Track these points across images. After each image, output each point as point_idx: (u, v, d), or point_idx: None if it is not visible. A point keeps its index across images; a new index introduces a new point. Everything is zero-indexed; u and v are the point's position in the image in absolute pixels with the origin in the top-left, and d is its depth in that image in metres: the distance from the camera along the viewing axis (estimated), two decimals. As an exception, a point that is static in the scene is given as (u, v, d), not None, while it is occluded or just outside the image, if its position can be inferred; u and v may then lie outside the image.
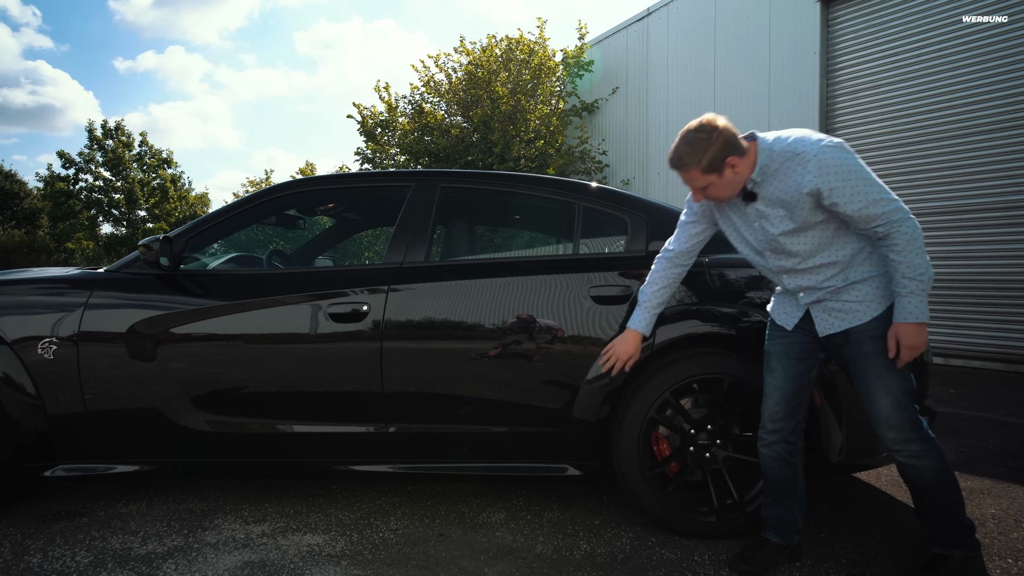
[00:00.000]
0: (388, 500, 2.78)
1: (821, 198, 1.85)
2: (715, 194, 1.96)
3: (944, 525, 1.98)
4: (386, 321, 2.45)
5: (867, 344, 1.93)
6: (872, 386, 1.94)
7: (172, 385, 2.47)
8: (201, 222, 2.66)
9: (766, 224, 1.97)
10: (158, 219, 24.42)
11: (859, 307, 1.94)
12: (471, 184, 2.82)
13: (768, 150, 1.93)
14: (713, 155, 1.87)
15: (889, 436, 1.94)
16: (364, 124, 13.97)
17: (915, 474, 1.96)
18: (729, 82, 10.27)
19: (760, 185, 1.94)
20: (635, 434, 2.35)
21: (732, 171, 1.90)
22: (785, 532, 2.17)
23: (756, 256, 2.09)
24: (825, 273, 1.97)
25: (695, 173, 1.92)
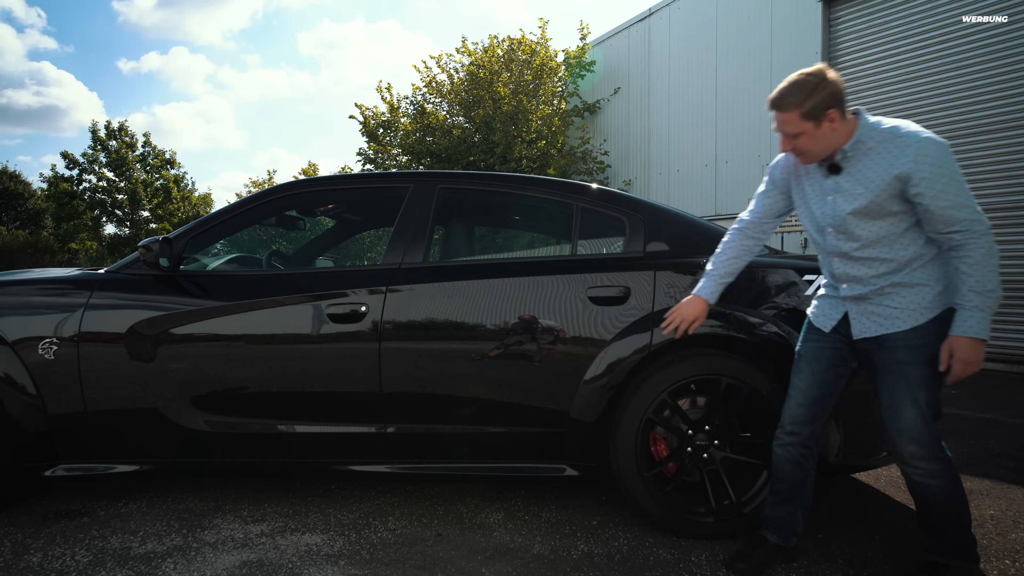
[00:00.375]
0: (387, 500, 2.79)
1: (908, 185, 1.78)
2: (804, 146, 1.90)
3: (947, 538, 1.95)
4: (384, 322, 2.46)
5: (901, 353, 1.88)
6: (899, 396, 1.88)
7: (172, 385, 2.48)
8: (201, 223, 2.67)
9: (840, 199, 1.91)
10: (161, 219, 24.47)
11: (899, 314, 1.89)
12: (469, 185, 2.83)
13: (869, 126, 1.87)
14: (817, 101, 1.82)
15: (908, 450, 1.89)
16: (366, 125, 14.00)
17: (927, 492, 1.92)
18: (731, 82, 10.26)
19: (849, 160, 1.89)
20: (632, 434, 2.35)
21: (830, 125, 1.85)
22: (784, 533, 2.16)
23: (817, 234, 2.03)
24: (876, 268, 1.91)
25: (793, 115, 1.86)
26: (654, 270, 2.46)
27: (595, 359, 2.40)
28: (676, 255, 2.55)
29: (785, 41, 9.44)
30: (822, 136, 1.87)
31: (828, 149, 1.90)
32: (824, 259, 2.06)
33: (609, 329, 2.41)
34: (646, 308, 2.41)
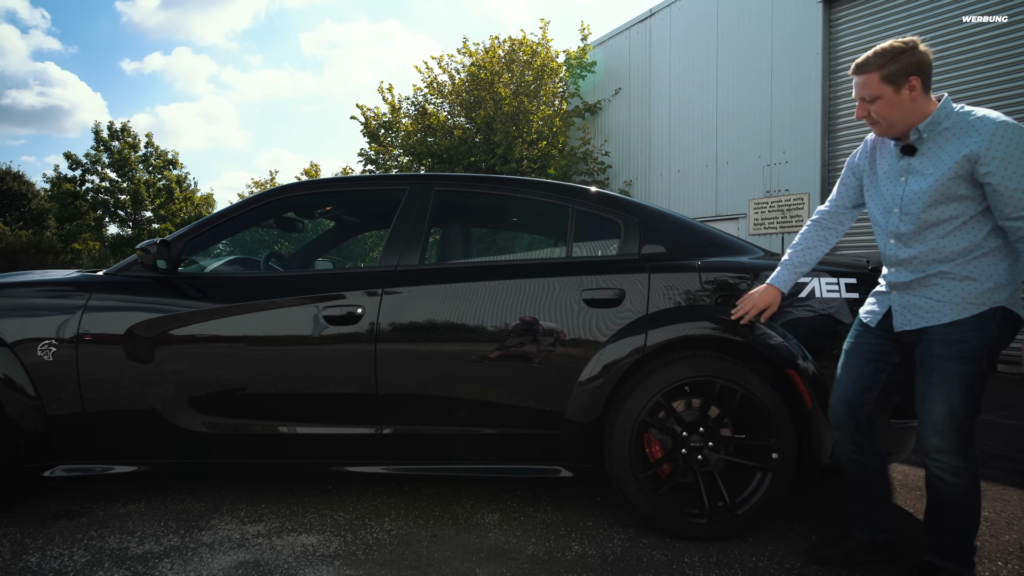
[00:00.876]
0: (383, 501, 2.81)
1: (978, 164, 1.74)
2: (880, 112, 1.86)
3: (948, 540, 1.95)
4: (380, 324, 2.47)
5: (937, 346, 1.87)
6: (932, 390, 1.87)
7: (169, 386, 2.50)
8: (199, 225, 2.69)
9: (911, 180, 1.89)
10: (163, 219, 24.53)
11: (941, 307, 1.87)
12: (466, 187, 2.84)
13: (947, 109, 1.84)
14: (901, 66, 1.81)
15: (932, 442, 1.88)
16: (367, 125, 14.02)
17: (943, 487, 1.90)
18: (731, 83, 10.26)
19: (924, 141, 1.87)
20: (627, 436, 2.37)
21: (909, 93, 1.82)
22: (869, 529, 2.13)
23: (881, 216, 2.01)
24: (930, 254, 1.88)
25: (874, 77, 1.84)
26: (648, 272, 2.47)
27: (590, 361, 2.42)
28: (671, 257, 2.56)
29: (785, 42, 9.44)
30: (900, 103, 1.83)
31: (904, 121, 1.86)
32: (881, 241, 2.04)
33: (604, 331, 2.42)
34: (640, 310, 2.42)
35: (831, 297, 2.44)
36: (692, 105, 10.94)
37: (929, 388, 1.88)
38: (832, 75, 9.00)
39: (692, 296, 2.45)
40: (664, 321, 2.40)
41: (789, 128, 9.41)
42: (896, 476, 3.18)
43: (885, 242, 2.02)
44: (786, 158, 9.46)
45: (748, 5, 9.99)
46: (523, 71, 13.16)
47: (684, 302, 2.44)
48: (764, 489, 2.36)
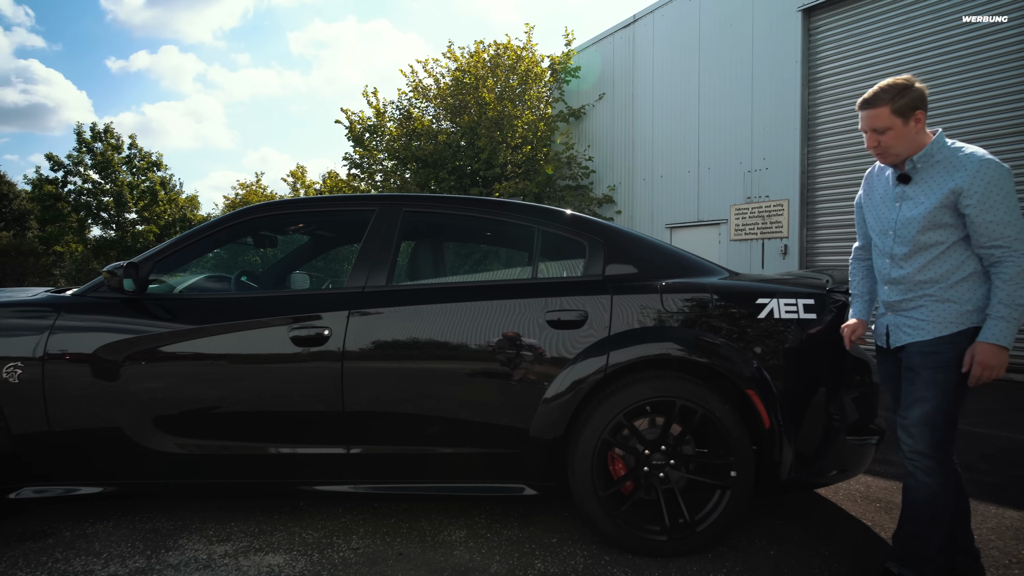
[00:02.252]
0: (353, 518, 2.83)
1: (961, 197, 1.94)
2: (888, 142, 2.05)
3: (911, 548, 2.06)
4: (347, 345, 2.50)
5: (915, 358, 2.06)
6: (909, 396, 2.06)
7: (136, 407, 2.51)
8: (168, 247, 2.70)
9: (905, 206, 2.09)
10: (148, 221, 24.32)
11: (924, 325, 2.06)
12: (434, 208, 2.88)
13: (940, 143, 2.04)
14: (907, 100, 2.01)
15: (907, 443, 2.06)
16: (352, 130, 14.00)
17: (915, 484, 2.07)
18: (713, 90, 10.36)
19: (918, 171, 2.06)
20: (589, 455, 2.41)
21: (915, 124, 2.02)
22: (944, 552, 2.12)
23: (879, 236, 2.19)
24: (918, 274, 2.06)
25: (884, 110, 2.02)
26: (611, 294, 2.52)
27: (553, 382, 2.46)
28: (635, 278, 2.60)
29: (766, 50, 9.54)
30: (907, 134, 2.03)
31: (908, 151, 2.06)
32: (878, 261, 2.22)
33: (567, 352, 2.47)
34: (603, 332, 2.47)
35: (789, 318, 2.49)
36: (675, 111, 11.04)
37: (908, 395, 2.07)
38: (811, 83, 9.11)
39: (654, 317, 2.49)
40: (625, 342, 2.44)
41: (769, 135, 9.51)
42: (858, 488, 3.25)
43: (881, 261, 2.20)
44: (766, 164, 9.57)
45: (729, 13, 10.10)
46: (508, 76, 13.20)
47: (646, 323, 2.48)
48: (723, 506, 2.41)
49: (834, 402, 2.49)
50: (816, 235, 9.10)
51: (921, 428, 2.02)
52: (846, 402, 2.52)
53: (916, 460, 2.05)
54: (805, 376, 2.47)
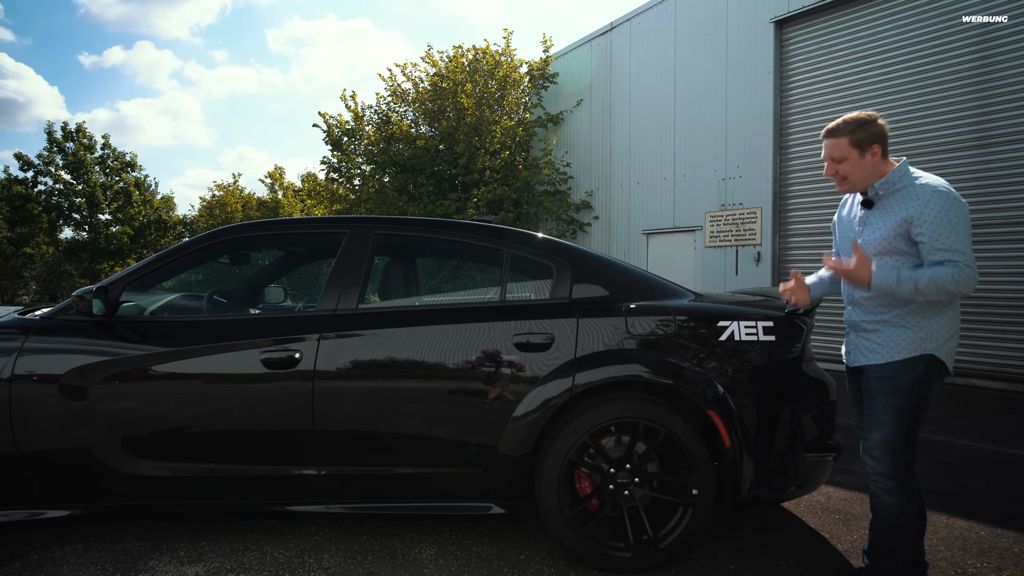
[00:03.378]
0: (324, 536, 2.86)
1: (912, 226, 2.06)
2: (846, 171, 2.19)
3: (882, 560, 2.22)
4: (318, 368, 2.53)
5: (874, 383, 2.19)
6: (870, 419, 2.20)
7: (104, 430, 2.52)
8: (137, 269, 2.71)
9: (866, 231, 2.22)
10: (122, 223, 23.96)
11: (880, 349, 2.18)
12: (405, 231, 2.92)
13: (902, 172, 2.16)
14: (865, 134, 2.14)
15: (868, 463, 2.20)
16: (330, 133, 13.94)
17: (879, 504, 2.21)
18: (688, 98, 10.51)
19: (880, 197, 2.19)
20: (555, 475, 2.47)
21: (871, 158, 2.15)
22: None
23: (845, 257, 2.30)
24: (877, 298, 2.18)
25: (843, 141, 2.16)
26: (577, 317, 2.58)
27: (521, 401, 2.51)
28: (601, 301, 2.67)
29: (740, 60, 9.71)
30: (863, 166, 2.16)
31: (864, 181, 2.19)
32: (844, 282, 2.32)
33: (534, 375, 2.52)
34: (569, 354, 2.53)
35: (749, 340, 2.58)
36: (651, 118, 11.18)
37: (868, 418, 2.20)
38: (783, 93, 9.30)
39: (618, 340, 2.56)
40: (591, 364, 2.51)
41: (743, 144, 9.68)
42: (819, 499, 3.36)
43: (846, 283, 2.31)
44: (740, 173, 9.74)
45: (704, 23, 10.25)
46: (486, 81, 13.24)
47: (611, 346, 2.55)
48: (685, 523, 2.49)
49: (793, 420, 2.58)
50: (788, 242, 9.29)
51: (881, 451, 2.15)
52: (804, 420, 2.61)
53: (879, 481, 2.18)
54: (765, 396, 2.56)
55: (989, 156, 7.18)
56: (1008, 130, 7.05)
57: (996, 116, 7.15)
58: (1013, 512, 3.17)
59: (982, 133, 7.26)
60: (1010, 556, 2.68)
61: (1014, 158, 7.01)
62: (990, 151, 7.18)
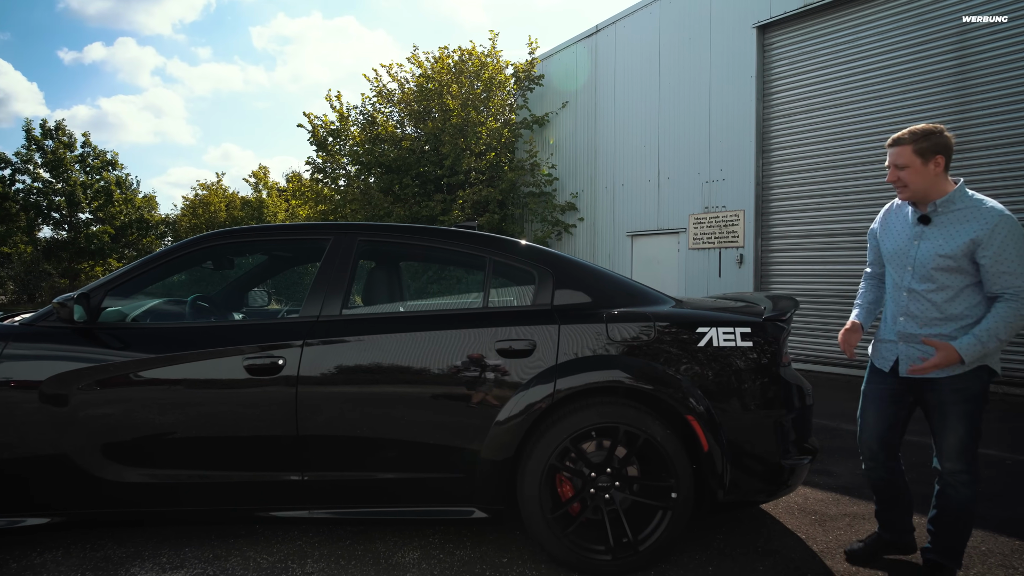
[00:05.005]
0: (308, 540, 2.87)
1: (979, 248, 2.19)
2: (906, 178, 2.30)
3: (949, 541, 2.43)
4: (302, 374, 2.54)
5: (947, 395, 2.33)
6: (947, 428, 2.35)
7: (86, 436, 2.51)
8: (119, 275, 2.70)
9: (924, 245, 2.33)
10: (102, 222, 23.64)
11: None
12: (389, 237, 2.94)
13: (964, 192, 2.28)
14: (929, 143, 2.25)
15: (947, 466, 2.37)
16: (315, 134, 13.87)
17: (954, 494, 2.38)
18: (672, 101, 10.60)
19: (938, 214, 2.31)
20: (537, 479, 2.51)
21: (934, 167, 2.26)
22: (895, 531, 2.65)
23: (897, 270, 2.44)
24: (930, 312, 2.33)
25: (907, 149, 2.28)
26: (559, 323, 2.62)
27: (504, 406, 2.54)
28: (583, 307, 2.71)
29: (723, 64, 9.82)
30: (925, 175, 2.27)
31: (924, 191, 2.30)
32: (893, 293, 2.47)
33: (516, 380, 2.56)
34: (550, 360, 2.57)
35: (727, 345, 2.63)
36: (635, 121, 11.26)
37: (945, 427, 2.36)
38: (766, 97, 9.41)
39: (599, 346, 2.60)
40: (572, 370, 2.55)
41: (726, 147, 9.79)
42: (796, 500, 3.42)
43: (898, 294, 2.44)
44: (723, 176, 9.84)
45: (688, 27, 10.35)
46: (472, 82, 13.25)
47: (592, 352, 2.59)
48: (664, 526, 2.54)
49: (770, 424, 2.63)
50: (770, 244, 9.40)
51: (959, 453, 2.34)
52: (781, 424, 2.66)
53: (958, 477, 2.36)
54: (742, 400, 2.61)
55: (966, 161, 7.33)
56: (984, 136, 7.20)
57: (972, 122, 7.30)
58: (983, 512, 3.25)
59: (959, 138, 7.40)
60: (978, 555, 2.76)
61: (990, 163, 7.16)
62: (967, 156, 7.33)
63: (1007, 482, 3.76)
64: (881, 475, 2.58)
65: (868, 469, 2.62)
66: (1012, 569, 2.63)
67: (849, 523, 3.12)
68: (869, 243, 2.65)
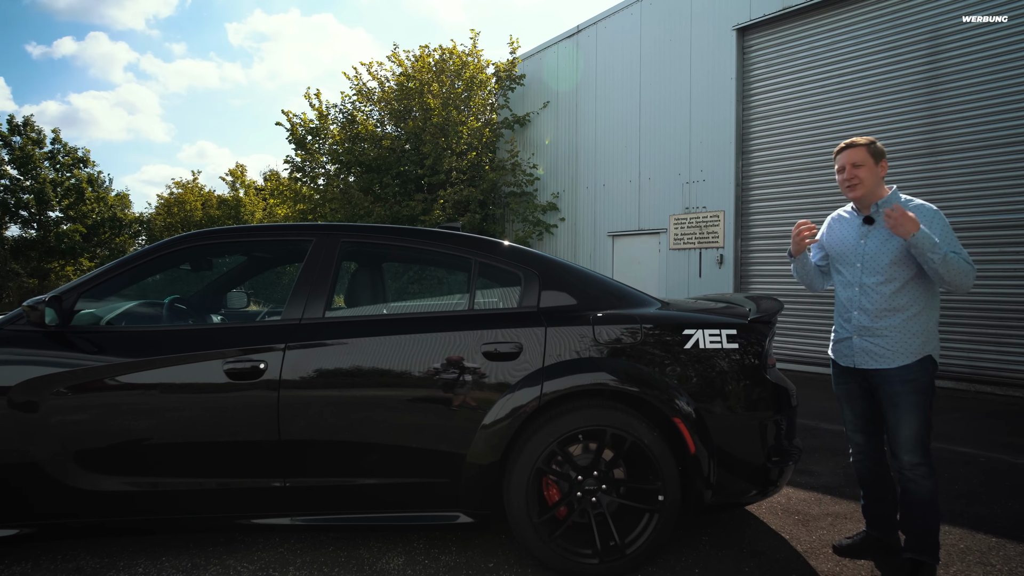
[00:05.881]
0: (290, 547, 2.82)
1: None
2: (859, 175, 2.52)
3: (925, 538, 2.49)
4: (284, 379, 2.49)
5: (897, 386, 2.47)
6: (899, 419, 2.47)
7: (58, 444, 2.43)
8: (94, 277, 2.62)
9: (870, 242, 2.53)
10: (73, 220, 23.10)
11: (889, 354, 2.48)
12: (372, 239, 2.89)
13: (898, 195, 2.57)
14: (878, 149, 2.56)
15: (906, 459, 2.46)
16: (294, 132, 13.69)
17: (915, 489, 2.46)
18: (653, 102, 10.65)
19: (880, 215, 2.52)
20: (524, 483, 2.48)
21: (881, 168, 2.55)
22: (881, 528, 2.72)
23: (846, 268, 2.62)
24: (882, 303, 2.49)
25: (862, 150, 2.53)
26: (546, 326, 2.60)
27: (490, 410, 2.51)
28: (569, 309, 2.69)
29: (703, 65, 9.89)
30: (876, 174, 2.54)
31: (872, 189, 2.54)
32: (845, 292, 2.63)
33: (501, 383, 2.53)
34: (537, 363, 2.54)
35: (713, 348, 2.63)
36: (616, 121, 11.29)
37: (898, 418, 2.47)
38: (745, 99, 9.50)
39: (586, 348, 2.58)
40: (559, 373, 2.53)
41: (706, 148, 9.86)
42: (780, 501, 3.45)
43: (850, 291, 2.60)
44: (704, 176, 9.92)
45: (668, 29, 10.41)
46: (453, 81, 13.19)
47: (579, 354, 2.57)
48: (651, 529, 2.53)
49: (756, 426, 2.64)
50: (750, 245, 9.49)
51: (914, 443, 2.45)
52: (766, 425, 2.68)
53: (916, 470, 2.46)
54: (728, 402, 2.62)
55: (937, 164, 7.48)
56: (954, 139, 7.35)
57: (942, 125, 7.44)
58: (960, 510, 3.30)
59: (930, 142, 7.55)
60: (957, 552, 2.80)
61: (960, 166, 7.31)
62: (938, 159, 7.47)
63: (982, 479, 3.83)
64: (868, 466, 2.69)
65: (856, 461, 2.75)
66: (990, 566, 2.67)
67: (832, 523, 3.15)
68: (813, 249, 2.85)
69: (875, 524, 2.74)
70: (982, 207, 7.14)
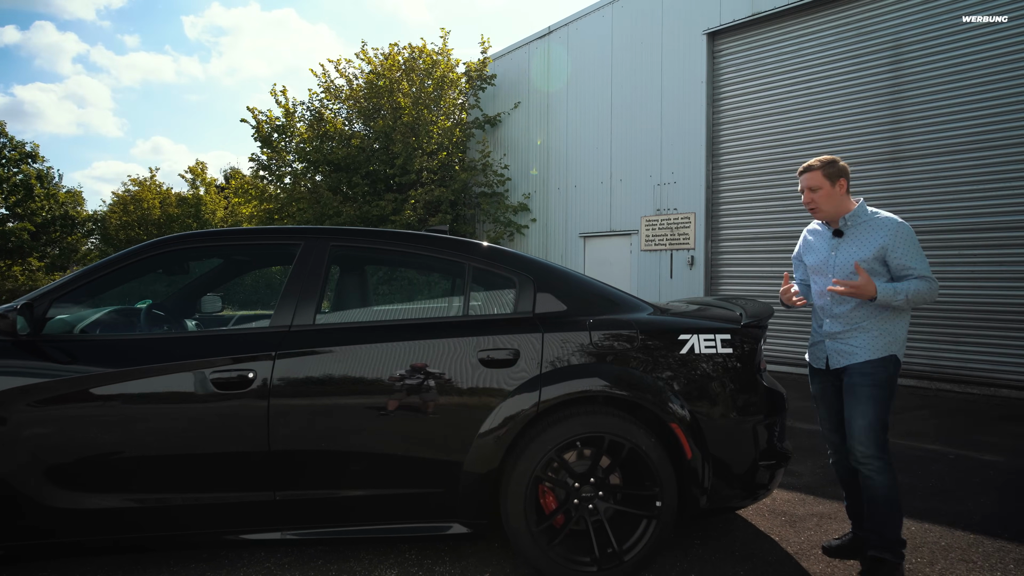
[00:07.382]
0: (277, 562, 2.72)
1: (888, 251, 2.52)
2: (817, 199, 2.62)
3: (884, 534, 2.52)
4: (273, 388, 2.40)
5: (856, 378, 2.57)
6: (854, 410, 2.55)
7: (30, 460, 2.29)
8: (67, 283, 2.48)
9: (839, 253, 2.63)
10: (21, 218, 22.12)
11: (857, 351, 2.58)
12: (362, 243, 2.81)
13: (864, 208, 2.64)
14: (834, 169, 2.61)
15: (857, 449, 2.53)
16: (259, 130, 13.36)
17: (872, 484, 2.52)
18: (624, 104, 10.73)
19: (849, 227, 2.63)
20: (522, 491, 2.45)
21: (839, 189, 2.61)
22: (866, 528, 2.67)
23: (820, 277, 2.72)
24: (851, 311, 2.59)
25: (817, 174, 2.61)
26: (542, 331, 2.57)
27: (488, 417, 2.47)
28: (565, 315, 2.66)
29: (674, 68, 10.01)
30: (834, 196, 2.61)
31: (835, 209, 2.63)
32: (819, 300, 2.74)
33: (499, 391, 2.49)
34: (534, 370, 2.51)
35: (708, 352, 2.64)
36: (588, 123, 11.34)
37: (852, 409, 2.55)
38: (715, 102, 9.65)
39: (583, 354, 2.56)
40: (556, 379, 2.50)
41: (677, 150, 9.98)
42: (767, 502, 3.49)
43: (823, 300, 2.70)
44: (675, 178, 10.04)
45: (640, 32, 10.50)
46: (423, 80, 13.06)
47: (576, 360, 2.55)
48: (649, 535, 2.52)
49: (749, 430, 2.66)
50: (720, 247, 9.65)
51: (867, 435, 2.50)
52: (759, 430, 2.70)
53: (869, 463, 2.51)
54: (723, 406, 2.63)
55: (900, 169, 7.72)
56: (917, 145, 7.59)
57: (906, 131, 7.68)
58: (938, 507, 3.40)
59: (893, 147, 7.79)
60: (939, 550, 2.87)
61: (922, 171, 7.55)
62: (901, 164, 7.71)
63: (955, 476, 3.95)
64: (847, 466, 2.72)
65: (834, 463, 2.80)
66: (972, 563, 2.74)
67: (818, 523, 3.20)
68: (795, 266, 2.98)
69: (860, 523, 2.78)
70: (944, 211, 7.40)
